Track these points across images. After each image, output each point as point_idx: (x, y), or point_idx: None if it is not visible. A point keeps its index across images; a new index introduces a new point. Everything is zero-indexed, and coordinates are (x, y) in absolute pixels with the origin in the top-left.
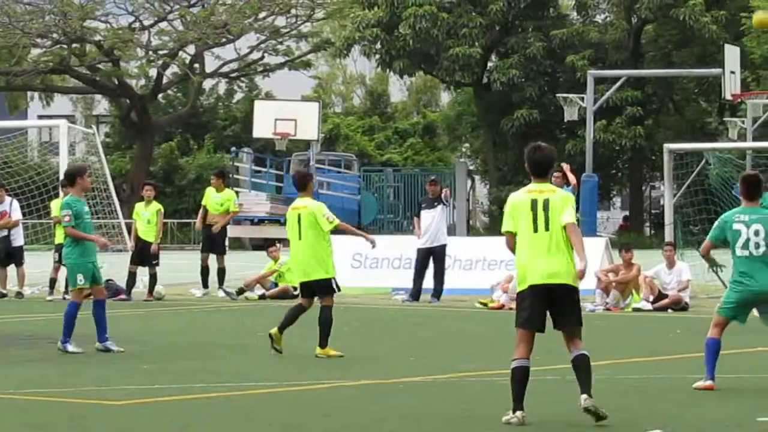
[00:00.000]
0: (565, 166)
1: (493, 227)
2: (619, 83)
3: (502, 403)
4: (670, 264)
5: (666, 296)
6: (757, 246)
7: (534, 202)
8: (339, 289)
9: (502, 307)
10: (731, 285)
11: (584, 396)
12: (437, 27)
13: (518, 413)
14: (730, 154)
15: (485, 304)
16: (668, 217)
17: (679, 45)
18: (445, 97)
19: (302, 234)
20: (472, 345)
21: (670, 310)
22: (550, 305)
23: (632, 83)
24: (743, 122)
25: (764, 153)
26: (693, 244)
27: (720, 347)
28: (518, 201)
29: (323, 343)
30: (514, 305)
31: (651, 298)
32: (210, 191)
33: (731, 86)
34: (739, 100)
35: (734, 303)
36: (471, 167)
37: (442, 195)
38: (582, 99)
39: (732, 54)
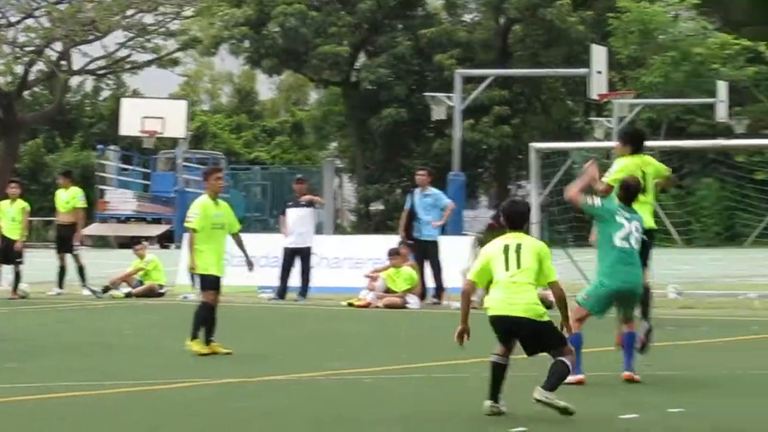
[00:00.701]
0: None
1: (360, 226)
2: (486, 82)
3: (367, 402)
4: None
5: None
6: (637, 241)
7: (507, 247)
8: (194, 287)
9: (368, 305)
10: (602, 279)
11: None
12: (306, 25)
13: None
14: (596, 154)
15: (352, 304)
16: (534, 215)
17: (547, 45)
18: (314, 95)
19: None
20: (339, 344)
21: None
22: (513, 334)
23: (500, 83)
24: (609, 122)
25: None
26: (559, 243)
27: (582, 341)
28: (492, 250)
29: (191, 335)
30: (380, 303)
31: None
32: (58, 192)
33: (598, 86)
34: (606, 99)
35: (603, 297)
36: (339, 165)
37: (315, 205)
38: (450, 98)
39: (599, 54)
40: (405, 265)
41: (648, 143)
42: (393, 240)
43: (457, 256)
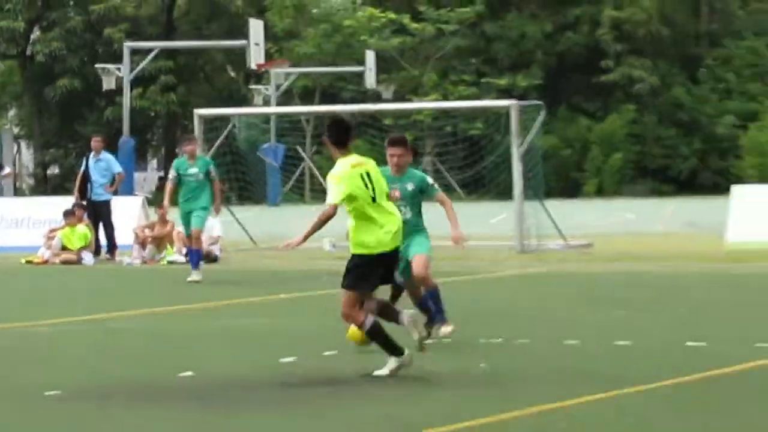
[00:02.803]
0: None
1: (38, 188)
2: (153, 54)
3: (44, 353)
4: None
5: None
6: None
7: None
8: None
9: (45, 262)
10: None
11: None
12: None
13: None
14: (255, 119)
15: (30, 261)
16: None
17: (209, 19)
18: None
19: None
20: (17, 299)
21: (201, 262)
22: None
23: (166, 54)
24: (267, 89)
25: (286, 117)
26: (223, 201)
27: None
28: (349, 173)
29: None
30: (57, 260)
31: (184, 251)
32: None
33: (256, 57)
34: (263, 69)
35: None
36: (17, 133)
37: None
38: (119, 69)
39: (256, 27)
40: (80, 225)
41: (303, 109)
42: (69, 201)
43: (128, 215)
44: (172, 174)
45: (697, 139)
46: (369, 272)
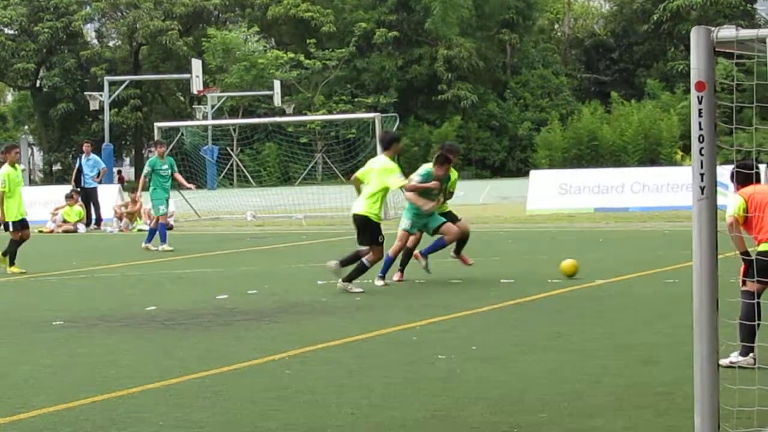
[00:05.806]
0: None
1: (46, 180)
2: (124, 85)
3: (53, 297)
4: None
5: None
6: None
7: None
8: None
9: (51, 231)
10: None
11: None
12: (5, 50)
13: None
14: (197, 129)
15: (41, 231)
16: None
17: (164, 59)
18: (11, 96)
19: None
20: (32, 259)
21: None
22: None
23: (134, 84)
24: (205, 107)
25: (219, 127)
26: (174, 188)
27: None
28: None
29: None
30: (60, 230)
31: (149, 221)
32: None
33: (197, 85)
34: (202, 93)
35: None
36: (30, 141)
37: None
38: (101, 95)
39: (196, 65)
40: (76, 205)
41: (231, 121)
42: (67, 188)
43: (109, 198)
44: (146, 170)
45: (505, 139)
46: None
